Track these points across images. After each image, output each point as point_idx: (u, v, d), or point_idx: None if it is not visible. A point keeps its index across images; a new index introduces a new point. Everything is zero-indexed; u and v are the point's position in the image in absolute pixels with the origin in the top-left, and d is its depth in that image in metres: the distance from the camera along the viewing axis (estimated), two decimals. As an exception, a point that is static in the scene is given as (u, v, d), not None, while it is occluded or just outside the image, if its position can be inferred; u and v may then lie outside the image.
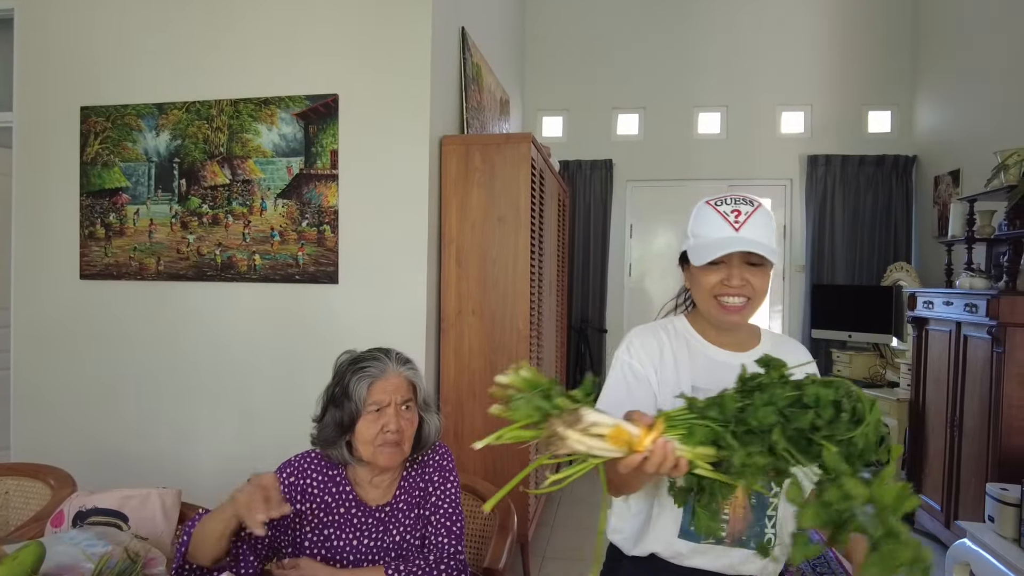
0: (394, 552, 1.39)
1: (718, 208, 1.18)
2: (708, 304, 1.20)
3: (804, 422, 0.87)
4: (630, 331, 1.29)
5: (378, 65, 2.81)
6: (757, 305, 1.19)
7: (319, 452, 1.45)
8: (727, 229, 1.15)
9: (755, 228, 1.15)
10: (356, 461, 1.41)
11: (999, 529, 2.68)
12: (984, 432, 3.03)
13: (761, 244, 1.14)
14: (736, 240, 1.14)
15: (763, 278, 1.17)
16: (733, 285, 1.16)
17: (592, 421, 0.89)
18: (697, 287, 1.21)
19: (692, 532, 1.18)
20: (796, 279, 5.00)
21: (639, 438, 0.90)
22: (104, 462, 3.01)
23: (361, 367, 1.39)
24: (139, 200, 3.03)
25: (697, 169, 5.10)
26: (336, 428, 1.38)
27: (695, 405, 0.94)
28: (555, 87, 5.29)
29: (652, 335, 1.26)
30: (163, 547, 1.58)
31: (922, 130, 4.76)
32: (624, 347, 1.26)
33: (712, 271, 1.17)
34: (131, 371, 3.03)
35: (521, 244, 2.83)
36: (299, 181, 2.87)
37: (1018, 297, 2.92)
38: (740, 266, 1.16)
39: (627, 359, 1.24)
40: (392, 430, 1.36)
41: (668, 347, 1.24)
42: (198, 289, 2.98)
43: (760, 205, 1.19)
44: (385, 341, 2.74)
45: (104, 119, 3.04)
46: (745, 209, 1.17)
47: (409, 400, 1.42)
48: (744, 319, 1.20)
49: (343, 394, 1.38)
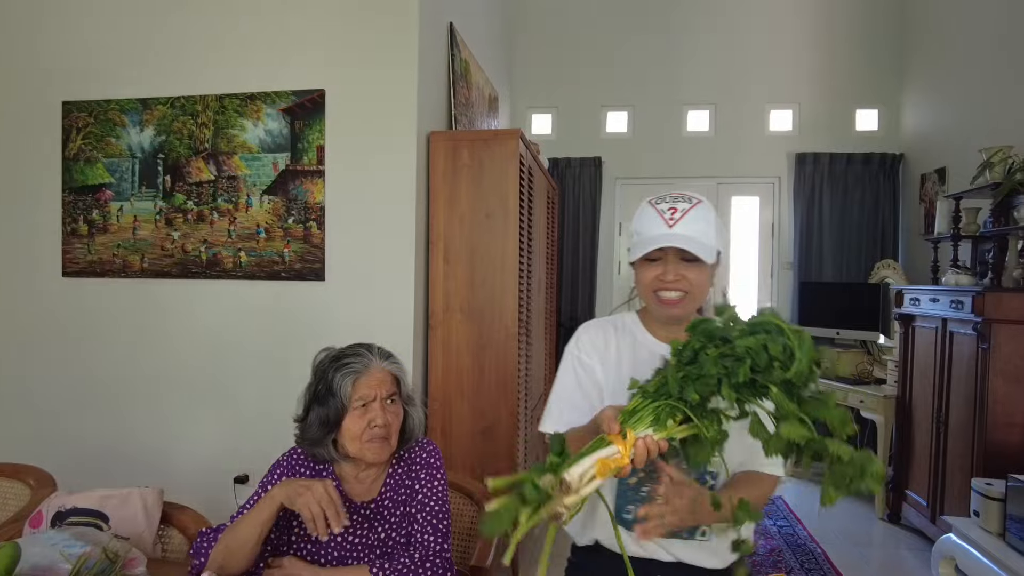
0: (379, 550, 1.38)
1: (656, 206, 1.23)
2: (649, 298, 1.25)
3: (743, 374, 0.94)
4: (580, 326, 1.35)
5: (365, 60, 2.78)
6: (696, 299, 1.24)
7: (303, 449, 1.43)
8: (662, 226, 1.20)
9: (690, 225, 1.20)
10: (343, 458, 1.39)
11: (984, 524, 2.70)
12: (969, 428, 3.05)
13: (693, 240, 1.19)
14: (668, 236, 1.19)
15: (699, 273, 1.22)
16: (668, 280, 1.21)
17: (578, 475, 0.92)
18: (639, 282, 1.27)
19: (625, 519, 1.22)
20: (784, 276, 5.02)
21: (621, 455, 0.94)
22: (87, 462, 2.97)
23: (344, 363, 1.37)
24: (123, 196, 2.99)
25: (686, 167, 5.10)
26: (322, 426, 1.36)
27: (646, 392, 1.00)
28: (544, 84, 5.28)
29: (600, 329, 1.33)
30: (144, 547, 1.55)
31: (909, 128, 4.79)
32: (574, 341, 1.33)
33: (650, 267, 1.23)
34: (114, 370, 2.99)
35: (510, 241, 2.81)
36: (285, 177, 2.84)
37: (1003, 293, 2.95)
38: (676, 262, 1.21)
39: (576, 352, 1.31)
40: (379, 424, 1.35)
41: (614, 341, 1.30)
42: (183, 287, 2.95)
43: (699, 203, 1.23)
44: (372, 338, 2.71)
45: (87, 114, 2.99)
46: (682, 207, 1.21)
47: (394, 394, 1.41)
48: (684, 312, 1.24)
49: (327, 391, 1.36)
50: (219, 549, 1.29)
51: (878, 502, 3.96)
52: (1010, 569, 2.39)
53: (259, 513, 1.28)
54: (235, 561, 1.28)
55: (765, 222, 5.10)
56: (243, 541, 1.27)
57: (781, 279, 5.04)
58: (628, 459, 0.95)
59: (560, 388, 1.30)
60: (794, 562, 3.24)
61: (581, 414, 1.24)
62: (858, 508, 4.11)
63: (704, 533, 1.24)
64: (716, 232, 1.24)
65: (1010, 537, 2.52)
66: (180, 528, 1.71)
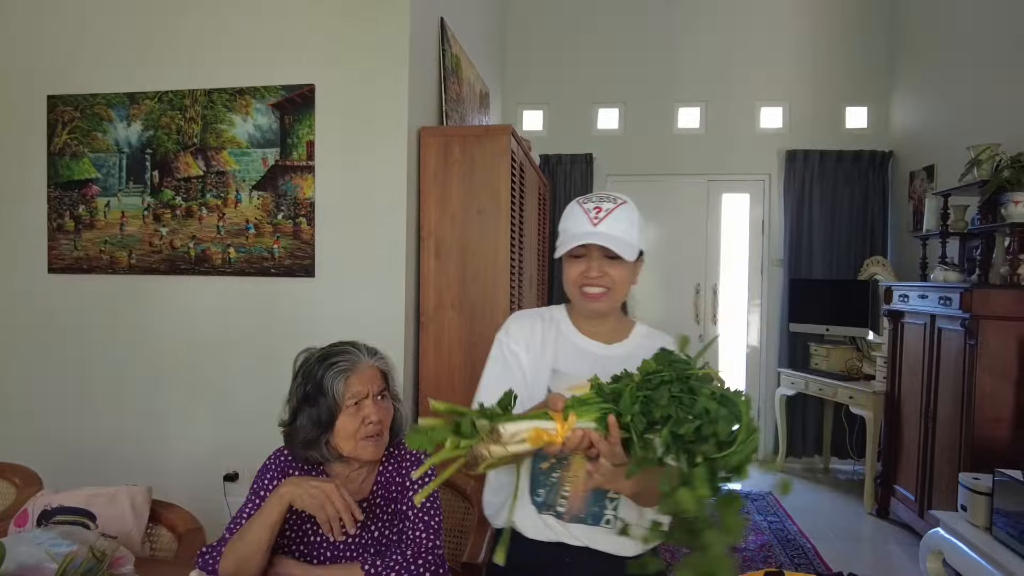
0: (372, 548, 1.37)
1: (583, 206, 1.29)
2: (574, 294, 1.31)
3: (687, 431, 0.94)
4: (511, 315, 1.43)
5: (355, 55, 2.76)
6: (618, 295, 1.30)
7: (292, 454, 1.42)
8: (587, 224, 1.26)
9: (613, 224, 1.25)
10: (335, 458, 1.38)
11: (971, 518, 2.72)
12: (957, 423, 3.08)
13: (616, 239, 1.24)
14: (590, 234, 1.24)
15: (621, 270, 1.28)
16: (591, 276, 1.26)
17: (512, 432, 0.96)
18: (565, 278, 1.32)
19: (537, 503, 1.28)
20: (774, 274, 5.04)
21: (557, 432, 0.98)
22: (74, 460, 2.94)
23: (333, 362, 1.36)
24: (110, 192, 2.96)
25: (677, 164, 5.11)
26: (315, 427, 1.34)
27: (602, 389, 1.02)
28: (535, 81, 5.27)
29: (528, 319, 1.38)
30: (132, 545, 1.54)
31: (898, 126, 4.81)
32: (503, 329, 1.39)
33: (575, 263, 1.28)
34: (102, 367, 2.96)
35: (501, 238, 2.80)
36: (274, 173, 2.82)
37: (990, 290, 2.97)
38: (599, 259, 1.26)
39: (504, 339, 1.37)
40: (374, 421, 1.35)
41: (540, 331, 1.35)
42: (171, 283, 2.92)
43: (623, 203, 1.29)
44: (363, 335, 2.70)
45: (72, 108, 2.96)
46: (606, 207, 1.27)
47: (383, 390, 1.40)
48: (606, 307, 1.30)
49: (317, 391, 1.34)
50: (229, 559, 1.27)
51: (867, 497, 3.99)
52: (997, 562, 2.41)
53: (268, 515, 1.26)
54: (249, 567, 1.26)
55: (755, 219, 5.12)
56: (255, 546, 1.26)
57: (771, 276, 5.06)
58: (561, 439, 0.98)
59: (488, 375, 1.36)
60: (784, 557, 3.26)
61: None
62: (847, 503, 4.14)
63: (609, 521, 1.28)
64: (639, 232, 1.29)
65: (997, 531, 2.55)
66: (169, 527, 1.69)
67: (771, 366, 5.02)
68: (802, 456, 4.94)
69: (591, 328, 1.35)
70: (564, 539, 1.28)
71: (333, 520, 1.22)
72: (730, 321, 5.16)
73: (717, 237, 5.15)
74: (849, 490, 4.40)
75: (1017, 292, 2.93)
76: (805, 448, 4.93)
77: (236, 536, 1.29)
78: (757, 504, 4.02)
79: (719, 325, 5.14)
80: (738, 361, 5.16)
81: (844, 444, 4.81)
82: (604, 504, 1.28)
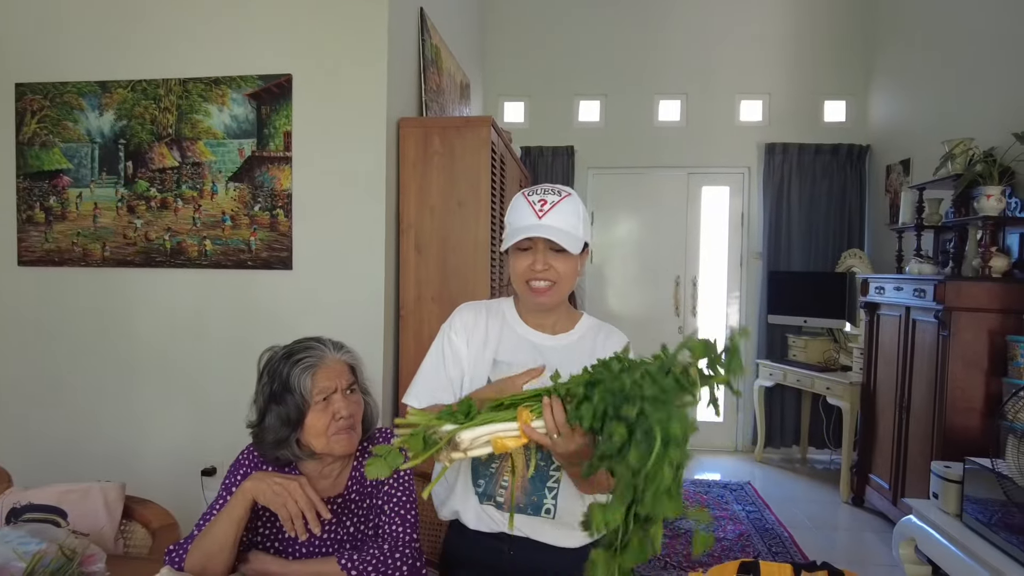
0: (348, 544, 1.36)
1: (528, 198, 1.27)
2: (521, 287, 1.31)
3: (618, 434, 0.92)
4: (459, 306, 1.42)
5: (333, 44, 2.73)
6: (564, 288, 1.30)
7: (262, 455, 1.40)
8: (531, 217, 1.25)
9: (558, 216, 1.24)
10: (307, 456, 1.36)
11: (943, 505, 2.78)
12: (930, 413, 3.14)
13: (560, 231, 1.23)
14: (535, 227, 1.23)
15: (567, 263, 1.27)
16: (537, 269, 1.26)
17: (470, 439, 1.00)
18: (512, 272, 1.31)
19: (477, 493, 1.29)
20: (753, 266, 5.09)
21: (519, 435, 1.01)
22: (45, 457, 2.89)
23: (299, 359, 1.33)
24: (82, 183, 2.90)
25: (657, 157, 5.13)
26: (284, 426, 1.32)
27: (557, 388, 1.03)
28: (516, 72, 5.24)
29: (473, 311, 1.39)
30: (105, 543, 1.52)
31: (875, 120, 4.87)
32: (448, 320, 1.40)
33: (521, 257, 1.27)
34: (75, 361, 2.91)
35: (482, 230, 2.79)
36: (251, 164, 2.78)
37: (963, 282, 3.02)
38: (545, 252, 1.25)
39: (448, 330, 1.38)
40: (345, 415, 1.32)
41: (484, 322, 1.36)
42: (146, 275, 2.87)
43: (568, 195, 1.28)
44: (342, 328, 2.68)
45: (42, 97, 2.89)
46: (551, 199, 1.26)
47: (352, 383, 1.38)
48: (552, 300, 1.30)
49: (284, 389, 1.32)
50: (195, 556, 1.25)
51: (843, 486, 4.05)
52: (966, 548, 2.47)
53: (232, 510, 1.24)
54: (215, 565, 1.24)
55: (735, 212, 5.16)
56: (221, 542, 1.24)
57: (750, 268, 5.10)
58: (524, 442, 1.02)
59: (427, 363, 1.37)
60: (762, 545, 3.30)
61: (441, 388, 1.34)
62: (824, 492, 4.21)
63: (549, 511, 1.28)
64: (584, 224, 1.29)
65: (967, 518, 2.60)
66: (143, 523, 1.67)
67: (750, 357, 5.07)
68: (780, 446, 5.01)
69: (537, 320, 1.35)
70: (506, 530, 1.28)
71: (295, 517, 1.20)
72: (710, 313, 5.19)
73: (697, 230, 5.18)
74: (826, 479, 4.47)
75: (988, 284, 2.98)
76: (783, 438, 5.00)
77: (202, 533, 1.27)
78: (735, 494, 4.07)
79: (699, 317, 5.17)
80: (718, 353, 5.19)
81: (821, 434, 4.88)
82: (544, 494, 1.28)
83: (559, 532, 1.29)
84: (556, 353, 1.31)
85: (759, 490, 4.16)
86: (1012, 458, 2.23)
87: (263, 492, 1.23)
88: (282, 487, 1.22)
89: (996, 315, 2.96)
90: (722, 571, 1.21)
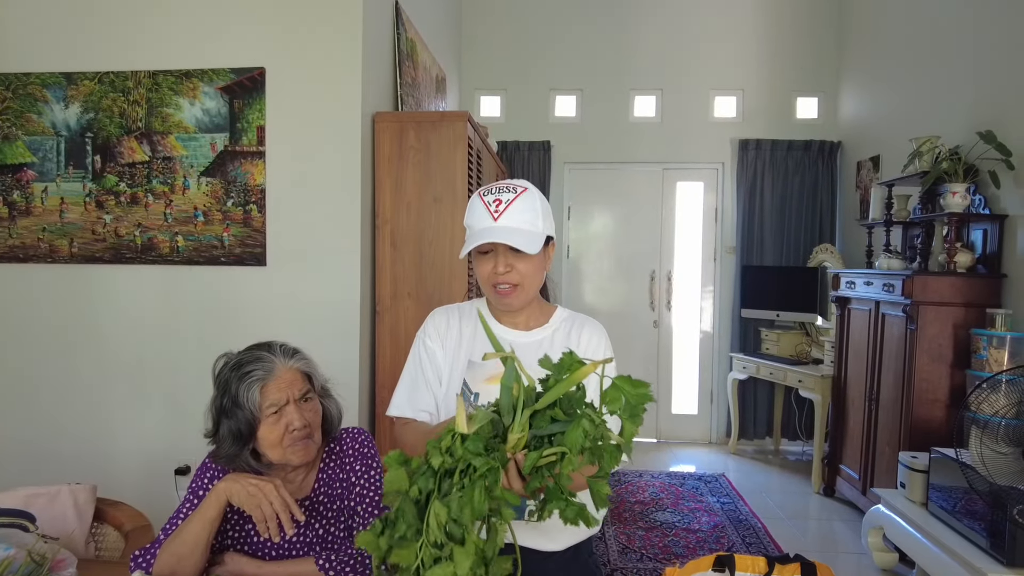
0: (319, 546, 1.35)
1: (484, 198, 1.24)
2: (487, 290, 1.30)
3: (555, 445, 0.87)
4: (431, 312, 1.41)
5: (307, 38, 2.69)
6: (529, 287, 1.28)
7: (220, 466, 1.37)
8: (487, 219, 1.22)
9: (514, 216, 1.22)
10: (266, 467, 1.33)
11: (909, 494, 2.86)
12: (898, 404, 3.21)
13: (517, 231, 1.20)
14: (492, 231, 1.21)
15: (528, 262, 1.25)
16: (499, 272, 1.24)
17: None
18: (478, 276, 1.30)
19: None
20: (727, 261, 5.15)
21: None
22: (11, 460, 2.83)
23: (246, 372, 1.30)
24: (47, 177, 2.82)
25: (633, 152, 5.16)
26: (236, 441, 1.29)
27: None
28: (493, 66, 5.23)
29: (445, 315, 1.38)
30: (75, 547, 1.49)
31: (846, 117, 4.95)
32: (423, 327, 1.39)
33: (484, 260, 1.26)
34: (42, 360, 2.84)
35: (458, 225, 2.78)
36: (224, 158, 2.74)
37: (929, 277, 3.10)
38: (505, 254, 1.23)
39: (422, 336, 1.37)
40: (298, 427, 1.29)
41: (457, 325, 1.36)
42: (116, 272, 2.81)
43: (523, 191, 1.25)
44: (317, 325, 2.67)
45: (3, 88, 2.81)
46: (506, 198, 1.23)
47: (308, 391, 1.34)
48: (519, 301, 1.29)
49: (233, 404, 1.28)
50: (165, 559, 1.23)
51: (815, 477, 4.14)
52: (930, 535, 2.54)
53: (205, 511, 1.22)
54: (186, 567, 1.22)
55: (709, 207, 5.21)
56: (192, 544, 1.22)
57: (724, 263, 5.16)
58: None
59: (406, 373, 1.37)
60: (736, 537, 3.36)
61: (424, 396, 1.33)
62: (796, 483, 4.29)
63: (532, 512, 1.26)
64: (543, 219, 1.26)
65: (932, 506, 2.68)
66: (115, 525, 1.64)
67: (724, 351, 5.15)
68: (753, 438, 5.09)
69: (510, 318, 1.34)
70: None
71: (270, 519, 1.18)
72: (684, 307, 5.25)
73: (672, 224, 5.23)
74: (797, 470, 4.55)
75: (953, 279, 3.06)
76: (756, 430, 5.08)
77: (173, 535, 1.25)
78: (710, 486, 4.13)
79: (673, 311, 5.23)
80: (692, 346, 5.26)
81: (794, 426, 4.97)
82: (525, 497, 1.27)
83: (543, 537, 1.27)
84: (532, 348, 1.30)
85: (733, 482, 4.23)
86: (975, 448, 2.30)
87: (237, 493, 1.21)
88: (257, 488, 1.20)
89: (960, 309, 3.04)
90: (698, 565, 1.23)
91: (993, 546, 2.25)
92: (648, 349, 5.20)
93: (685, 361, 5.28)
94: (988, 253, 3.16)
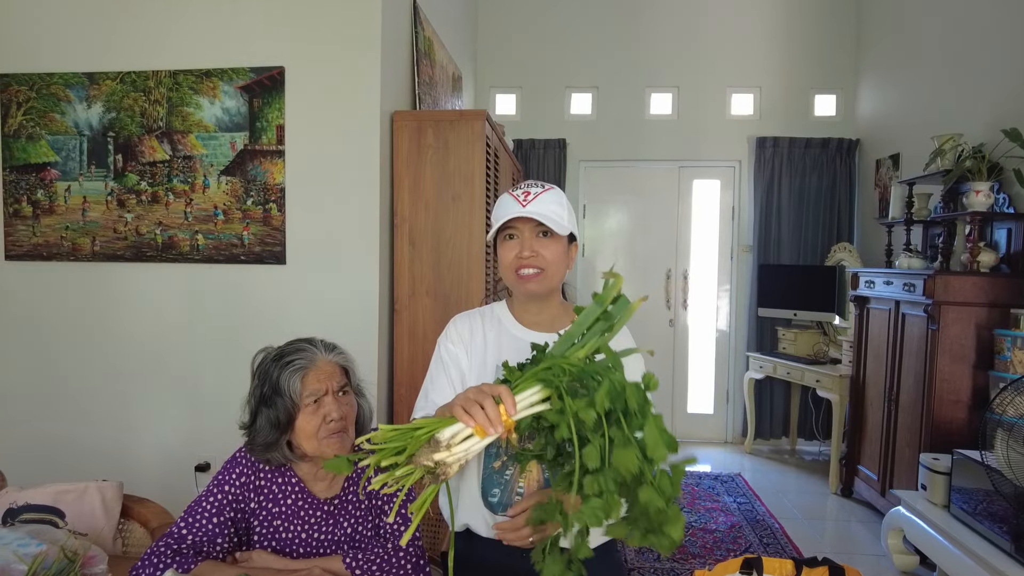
0: (347, 544, 1.36)
1: (512, 193, 1.29)
2: (510, 277, 1.30)
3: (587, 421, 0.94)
4: (453, 317, 1.40)
5: (326, 37, 2.70)
6: (552, 276, 1.29)
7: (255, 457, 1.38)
8: (516, 207, 1.25)
9: (542, 205, 1.25)
10: (299, 459, 1.35)
11: (930, 496, 2.82)
12: (918, 405, 3.18)
13: (545, 216, 1.24)
14: (520, 212, 1.24)
15: (553, 248, 1.28)
16: (524, 256, 1.26)
17: (450, 434, 0.92)
18: (500, 263, 1.31)
19: (490, 502, 1.25)
20: (743, 259, 5.12)
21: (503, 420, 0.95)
22: (38, 455, 2.86)
23: (288, 361, 1.32)
24: (70, 176, 2.85)
25: (649, 150, 5.13)
26: (273, 429, 1.31)
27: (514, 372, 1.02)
28: (508, 64, 5.22)
29: (467, 320, 1.37)
30: (103, 543, 1.51)
31: (865, 114, 4.90)
32: (444, 332, 1.38)
33: (509, 246, 1.28)
34: (66, 358, 2.87)
35: (476, 224, 2.79)
36: (243, 157, 2.75)
37: (951, 276, 3.06)
38: (531, 238, 1.26)
39: (444, 342, 1.36)
40: (336, 418, 1.31)
41: (480, 329, 1.35)
42: (137, 270, 2.84)
43: (551, 188, 1.29)
44: (336, 323, 2.68)
45: (27, 88, 2.84)
46: (535, 190, 1.27)
47: (345, 385, 1.37)
48: (542, 288, 1.29)
49: (274, 392, 1.31)
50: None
51: (832, 477, 4.10)
52: (953, 538, 2.51)
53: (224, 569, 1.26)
54: None
55: (725, 205, 5.18)
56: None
57: (740, 261, 5.13)
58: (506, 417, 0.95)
59: (429, 380, 1.35)
60: (753, 537, 3.34)
61: (444, 392, 1.30)
62: (813, 484, 4.26)
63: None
64: (568, 215, 1.29)
65: (954, 508, 2.65)
66: (141, 522, 1.66)
67: (740, 350, 5.12)
68: (770, 438, 5.06)
69: (533, 319, 1.34)
70: None
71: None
72: (700, 306, 5.23)
73: (688, 223, 5.20)
74: (814, 471, 4.52)
75: (976, 279, 3.02)
76: (773, 430, 5.05)
77: None
78: (727, 486, 4.11)
79: (689, 310, 5.20)
80: (708, 345, 5.24)
81: (810, 426, 4.94)
82: None
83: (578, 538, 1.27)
84: None
85: (749, 481, 4.20)
86: (1001, 451, 2.27)
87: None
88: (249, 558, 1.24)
89: (983, 309, 3.00)
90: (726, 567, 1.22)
91: (1017, 550, 2.22)
92: (664, 348, 5.18)
93: (701, 360, 5.25)
94: (1012, 252, 3.11)
